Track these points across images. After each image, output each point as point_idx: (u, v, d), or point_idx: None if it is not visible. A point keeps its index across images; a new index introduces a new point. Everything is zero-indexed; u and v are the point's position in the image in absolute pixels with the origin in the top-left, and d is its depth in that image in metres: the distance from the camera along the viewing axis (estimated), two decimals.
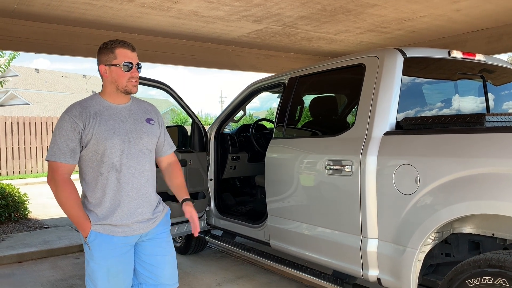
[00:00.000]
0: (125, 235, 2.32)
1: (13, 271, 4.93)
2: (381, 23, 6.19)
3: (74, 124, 2.23)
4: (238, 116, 5.11)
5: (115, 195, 2.29)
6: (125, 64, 2.30)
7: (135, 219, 2.34)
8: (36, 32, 5.93)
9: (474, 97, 3.56)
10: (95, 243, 2.28)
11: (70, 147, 2.23)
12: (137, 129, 2.37)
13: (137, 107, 2.46)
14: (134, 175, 2.33)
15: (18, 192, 7.71)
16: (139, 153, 2.35)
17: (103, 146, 2.25)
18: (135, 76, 2.34)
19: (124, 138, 2.30)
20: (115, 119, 2.33)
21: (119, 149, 2.28)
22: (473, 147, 2.39)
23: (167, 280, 2.48)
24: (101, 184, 2.29)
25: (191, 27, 6.33)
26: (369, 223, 2.87)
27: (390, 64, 2.99)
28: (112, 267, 2.30)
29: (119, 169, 2.29)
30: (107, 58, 2.32)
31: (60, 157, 2.22)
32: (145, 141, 2.39)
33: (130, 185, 2.32)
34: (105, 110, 2.33)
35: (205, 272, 4.67)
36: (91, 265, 2.30)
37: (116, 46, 2.32)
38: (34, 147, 15.62)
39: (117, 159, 2.28)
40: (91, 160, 2.29)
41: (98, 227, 2.28)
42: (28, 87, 32.14)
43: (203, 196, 4.67)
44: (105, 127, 2.27)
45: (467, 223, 2.58)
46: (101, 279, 2.28)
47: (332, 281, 3.28)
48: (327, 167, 3.18)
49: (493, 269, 2.17)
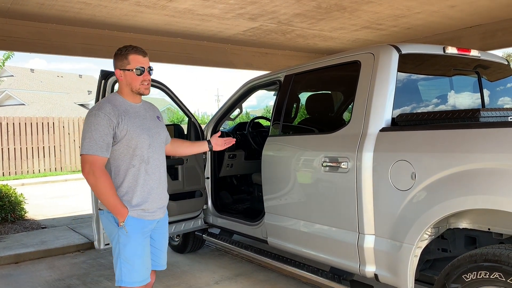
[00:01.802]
0: (153, 219, 2.64)
1: (10, 271, 4.92)
2: (376, 20, 6.20)
3: (109, 121, 2.46)
4: (235, 114, 5.10)
5: (145, 184, 2.58)
6: (138, 69, 2.57)
7: (159, 204, 2.67)
8: (31, 31, 5.90)
9: (469, 93, 3.57)
10: (133, 227, 2.53)
11: (106, 141, 2.46)
12: (155, 125, 2.70)
13: (148, 107, 2.77)
14: (158, 166, 2.67)
15: (15, 193, 7.68)
16: (159, 147, 2.70)
17: (135, 141, 2.53)
18: (147, 79, 2.61)
19: (149, 134, 2.61)
20: (138, 117, 2.62)
21: (147, 144, 2.58)
22: (468, 143, 2.40)
23: (163, 261, 2.86)
24: (133, 174, 2.55)
25: (186, 25, 6.32)
26: (366, 219, 2.87)
27: (385, 61, 2.99)
28: (146, 246, 2.61)
29: (147, 161, 2.59)
30: (121, 63, 2.58)
31: (97, 150, 2.43)
32: (162, 135, 2.74)
33: (156, 175, 2.65)
34: (129, 108, 2.60)
35: (203, 270, 4.67)
36: (129, 247, 2.53)
37: (129, 52, 2.58)
38: (30, 148, 15.56)
39: (145, 152, 2.58)
40: (123, 153, 2.53)
41: (133, 212, 2.55)
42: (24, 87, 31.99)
43: (200, 194, 4.67)
44: (135, 124, 2.56)
45: (463, 218, 2.59)
46: (138, 258, 2.55)
47: (330, 278, 3.29)
48: (324, 164, 3.18)
49: (489, 264, 2.19)
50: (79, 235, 6.20)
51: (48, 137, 15.98)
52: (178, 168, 4.46)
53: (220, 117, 4.87)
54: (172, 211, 3.75)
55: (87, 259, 5.31)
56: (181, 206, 4.42)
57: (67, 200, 9.95)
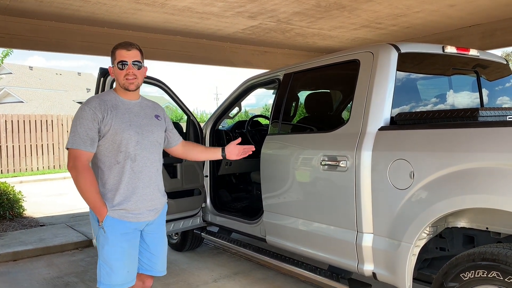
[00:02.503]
0: (137, 221, 2.53)
1: (9, 269, 4.92)
2: (375, 19, 6.20)
3: (94, 115, 2.43)
4: (233, 113, 5.10)
5: (130, 182, 2.50)
6: (119, 62, 2.52)
7: (146, 205, 2.55)
8: (30, 29, 5.89)
9: (468, 92, 3.58)
10: (111, 228, 2.46)
11: (90, 136, 2.42)
12: (149, 123, 2.61)
13: (146, 105, 2.71)
14: (147, 165, 2.56)
15: (13, 190, 7.67)
16: (151, 145, 2.59)
17: (120, 137, 2.46)
18: (130, 73, 2.52)
19: (138, 131, 2.53)
20: (130, 113, 2.56)
21: (134, 140, 2.50)
22: (467, 142, 2.40)
23: (160, 267, 2.74)
24: (118, 171, 2.48)
25: (185, 23, 6.31)
26: (364, 218, 2.88)
27: (384, 60, 2.99)
28: (126, 250, 2.50)
29: (134, 158, 2.50)
30: (112, 60, 2.59)
31: (81, 145, 2.41)
32: (155, 134, 2.63)
33: (144, 174, 2.54)
34: (120, 104, 2.55)
35: (201, 269, 4.68)
36: (106, 248, 2.47)
37: (116, 48, 2.56)
38: (29, 145, 15.52)
39: (132, 149, 2.49)
40: (108, 149, 2.48)
41: (113, 212, 2.47)
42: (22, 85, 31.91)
43: (198, 193, 4.68)
44: (122, 120, 2.49)
45: (462, 217, 2.60)
46: (116, 261, 2.47)
47: (328, 276, 3.30)
48: (322, 163, 3.19)
49: (487, 263, 2.19)
50: (77, 233, 6.20)
51: (47, 135, 15.95)
52: (177, 166, 4.46)
53: (219, 115, 4.87)
54: (171, 209, 3.75)
55: (85, 256, 5.31)
56: (180, 204, 4.42)
57: (66, 197, 9.94)
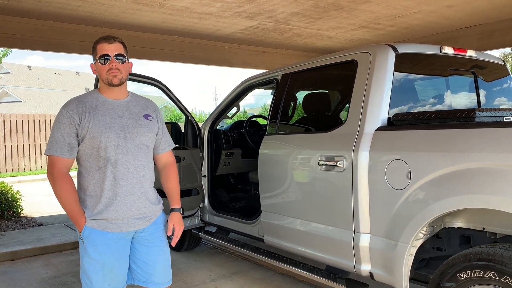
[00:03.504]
0: (119, 231, 2.32)
1: (6, 268, 4.91)
2: (373, 19, 6.21)
3: (70, 119, 2.26)
4: (232, 113, 5.11)
5: (111, 190, 2.29)
6: (101, 57, 2.31)
7: (130, 214, 2.34)
8: (28, 28, 5.89)
9: (466, 93, 3.59)
10: (89, 239, 2.29)
11: (67, 141, 2.26)
12: (134, 124, 2.37)
13: (135, 103, 2.46)
14: (129, 170, 2.33)
15: (11, 190, 7.66)
16: (135, 148, 2.35)
17: (98, 141, 2.26)
18: (113, 67, 2.31)
19: (120, 133, 2.30)
20: (112, 114, 2.33)
21: (114, 144, 2.28)
22: (464, 142, 2.41)
23: (159, 279, 2.47)
24: (98, 178, 2.30)
25: (184, 24, 6.31)
26: (362, 218, 2.89)
27: (382, 60, 3.00)
28: (106, 263, 2.30)
29: (114, 163, 2.29)
30: (93, 56, 2.37)
31: (57, 151, 2.25)
32: (141, 136, 2.38)
33: (126, 180, 2.32)
34: (102, 105, 2.34)
35: (199, 268, 4.68)
36: (85, 260, 2.31)
37: (97, 43, 2.35)
38: (27, 145, 15.52)
39: (112, 154, 2.28)
40: (88, 154, 2.30)
41: (93, 222, 2.29)
42: (21, 84, 31.87)
43: (196, 192, 4.68)
44: (101, 122, 2.28)
45: (458, 218, 2.61)
46: (96, 275, 2.29)
47: (325, 276, 3.30)
48: (320, 163, 3.19)
49: (483, 263, 2.20)
50: (75, 233, 6.13)
51: (45, 135, 15.93)
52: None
53: (217, 115, 4.88)
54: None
55: None
56: None
57: None
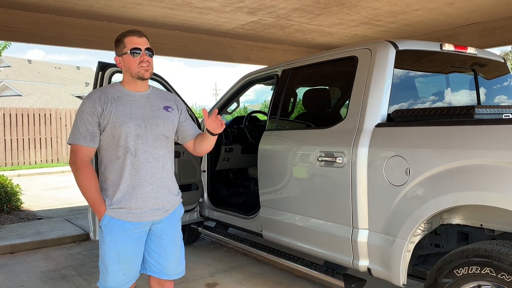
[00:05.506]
0: (138, 220, 2.38)
1: (6, 262, 4.93)
2: (374, 16, 6.20)
3: (93, 109, 2.33)
4: (232, 108, 5.11)
5: (130, 179, 2.35)
6: (132, 50, 2.39)
7: (150, 203, 2.39)
8: (29, 22, 5.88)
9: (466, 90, 3.59)
10: (107, 227, 2.35)
11: (89, 130, 2.33)
12: (154, 115, 2.44)
13: (156, 95, 2.53)
14: (149, 160, 2.39)
15: (11, 183, 7.67)
16: (155, 139, 2.41)
17: (119, 130, 2.33)
18: (145, 60, 2.40)
19: (140, 124, 2.37)
20: (133, 105, 2.40)
21: (134, 134, 2.35)
22: (462, 139, 2.42)
23: (171, 270, 2.55)
24: (118, 167, 2.36)
25: (184, 18, 6.30)
26: (360, 214, 2.90)
27: (382, 57, 3.00)
28: (122, 252, 2.37)
29: (134, 153, 2.35)
30: (119, 49, 2.43)
31: (80, 140, 2.32)
32: (161, 127, 2.44)
33: (145, 170, 2.37)
34: (123, 96, 2.41)
35: (198, 263, 4.70)
36: (103, 248, 2.38)
37: (124, 36, 2.44)
38: (27, 139, 15.54)
39: (132, 143, 2.35)
40: (109, 144, 2.37)
41: (112, 211, 2.35)
42: (21, 78, 31.82)
43: (196, 187, 4.69)
44: (122, 112, 2.35)
45: (456, 214, 2.62)
46: (112, 263, 2.36)
47: (324, 271, 3.32)
48: (319, 159, 3.20)
49: (480, 259, 2.21)
50: (74, 227, 6.21)
51: (45, 129, 15.95)
52: (174, 161, 4.46)
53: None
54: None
55: (82, 250, 5.33)
56: None
57: (63, 191, 9.95)
